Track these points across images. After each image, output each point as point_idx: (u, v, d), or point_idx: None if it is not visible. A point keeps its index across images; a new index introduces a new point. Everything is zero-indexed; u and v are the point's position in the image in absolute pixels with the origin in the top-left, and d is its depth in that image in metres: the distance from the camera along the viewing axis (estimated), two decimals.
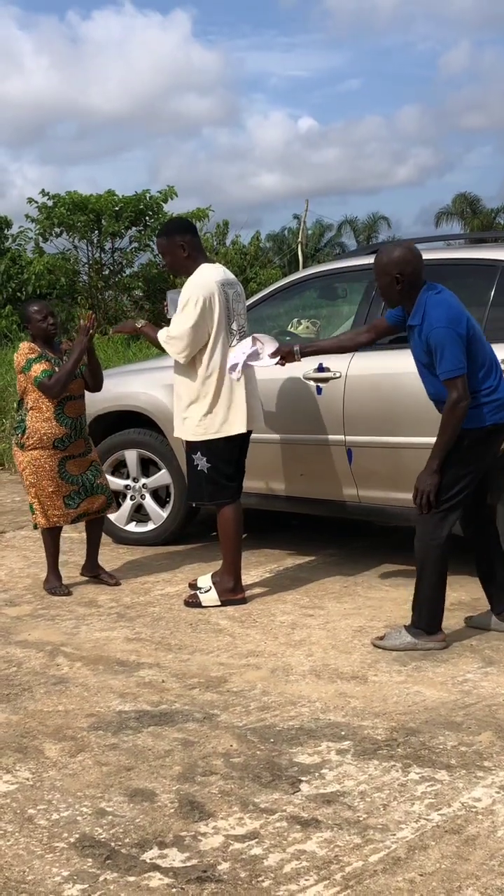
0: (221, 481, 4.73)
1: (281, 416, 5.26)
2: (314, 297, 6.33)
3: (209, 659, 4.06)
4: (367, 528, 6.24)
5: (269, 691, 3.68)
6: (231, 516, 4.78)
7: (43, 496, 5.03)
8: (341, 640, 4.23)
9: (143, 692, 3.71)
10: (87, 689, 3.77)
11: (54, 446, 4.99)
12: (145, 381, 5.91)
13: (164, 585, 5.21)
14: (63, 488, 5.05)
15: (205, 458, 4.70)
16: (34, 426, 4.96)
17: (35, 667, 4.03)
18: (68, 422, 5.02)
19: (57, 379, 4.90)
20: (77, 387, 5.09)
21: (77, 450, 5.09)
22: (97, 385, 5.20)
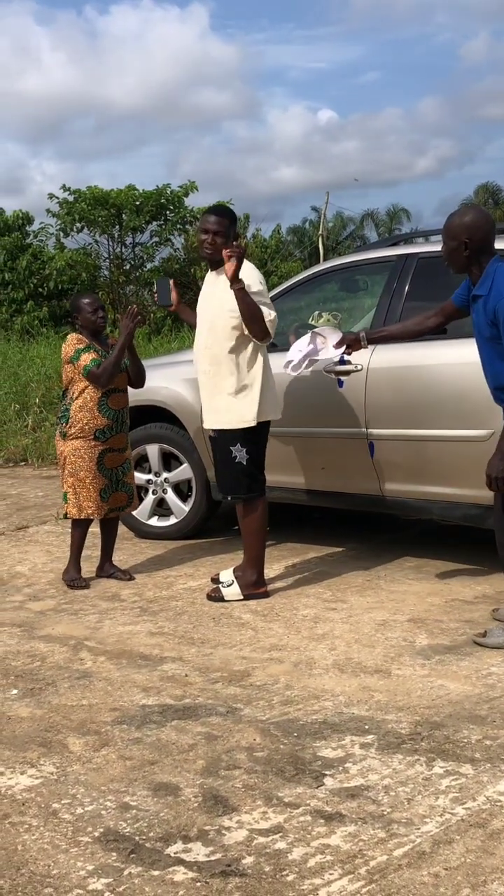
0: (256, 473, 4.73)
1: (302, 409, 5.25)
2: (335, 290, 6.30)
3: (232, 653, 4.06)
4: (389, 521, 6.22)
5: (293, 685, 3.68)
6: (261, 510, 4.77)
7: (80, 487, 5.05)
8: (364, 634, 4.21)
9: (166, 686, 3.72)
10: (110, 683, 3.78)
11: (95, 437, 5.02)
12: (166, 376, 5.91)
13: (186, 580, 5.21)
14: (99, 480, 5.07)
15: (244, 450, 4.67)
16: (77, 415, 5.01)
17: (59, 661, 4.04)
18: (111, 413, 5.05)
19: (104, 368, 4.94)
20: (121, 380, 5.12)
21: (118, 444, 5.12)
22: (139, 380, 5.22)
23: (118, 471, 5.16)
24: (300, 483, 5.42)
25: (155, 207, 20.33)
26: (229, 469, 4.73)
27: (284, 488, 5.45)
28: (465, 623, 4.29)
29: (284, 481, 5.42)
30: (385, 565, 5.30)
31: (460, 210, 3.96)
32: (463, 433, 4.74)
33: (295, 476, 5.42)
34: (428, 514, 5.10)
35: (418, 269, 5.14)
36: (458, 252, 3.88)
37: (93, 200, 20.01)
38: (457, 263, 3.93)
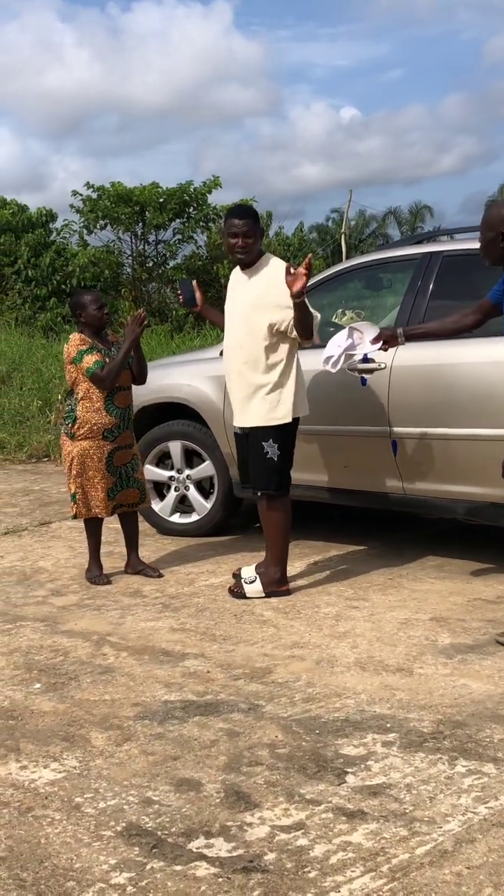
0: (285, 469, 4.73)
1: (325, 406, 5.24)
2: (359, 288, 6.29)
3: (254, 650, 4.07)
4: (411, 519, 6.20)
5: (314, 683, 3.68)
6: (287, 507, 4.78)
7: (88, 486, 5.07)
8: (386, 633, 4.21)
9: (188, 682, 3.73)
10: (132, 678, 3.79)
11: (104, 437, 5.03)
12: (189, 373, 5.92)
13: (208, 576, 5.22)
14: (107, 479, 5.08)
15: (276, 445, 4.67)
16: (84, 416, 5.00)
17: (81, 656, 4.06)
18: (117, 412, 5.05)
19: (109, 370, 4.94)
20: (125, 378, 5.12)
21: (124, 441, 5.13)
22: (142, 377, 5.22)
23: (127, 468, 5.17)
24: (323, 481, 5.42)
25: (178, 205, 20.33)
26: (261, 464, 4.73)
27: (307, 486, 5.45)
28: (487, 622, 4.28)
29: (307, 479, 5.42)
30: (407, 564, 5.29)
31: (498, 202, 3.97)
32: (487, 432, 4.73)
33: (317, 474, 5.42)
34: (451, 514, 5.08)
35: (443, 268, 5.13)
36: (494, 243, 3.87)
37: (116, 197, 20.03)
38: (493, 255, 3.92)
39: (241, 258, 4.67)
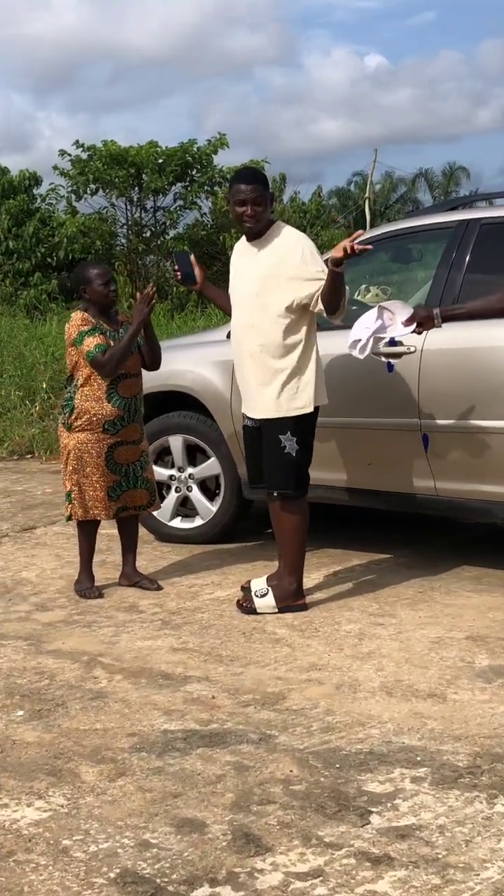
0: (305, 466, 4.75)
1: (346, 396, 5.24)
2: (385, 261, 6.29)
3: (265, 672, 4.07)
4: (445, 525, 6.20)
5: (334, 710, 3.68)
6: (304, 510, 4.79)
7: (86, 484, 5.08)
8: (416, 653, 4.21)
9: (190, 709, 3.73)
10: (127, 704, 3.80)
11: (104, 429, 5.04)
12: (192, 358, 5.93)
13: (213, 589, 5.23)
14: (108, 478, 5.09)
15: (295, 439, 4.68)
16: (83, 405, 5.01)
17: (70, 679, 4.07)
18: (121, 402, 5.05)
19: (111, 355, 4.94)
20: (133, 363, 5.12)
21: (130, 436, 5.13)
22: (155, 363, 5.23)
23: (135, 466, 5.17)
24: (343, 481, 5.42)
25: (179, 166, 20.33)
26: (278, 461, 4.72)
27: (325, 486, 5.45)
28: None
29: (325, 479, 5.42)
30: (440, 575, 5.29)
31: None
32: None
33: (337, 473, 5.42)
34: (489, 518, 5.08)
35: (481, 237, 5.11)
36: None
37: (109, 158, 20.03)
38: None
39: (249, 228, 4.67)
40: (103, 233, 20.44)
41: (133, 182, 20.56)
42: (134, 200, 21.01)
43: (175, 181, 20.67)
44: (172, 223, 21.36)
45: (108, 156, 20.06)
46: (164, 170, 20.27)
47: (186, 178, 20.88)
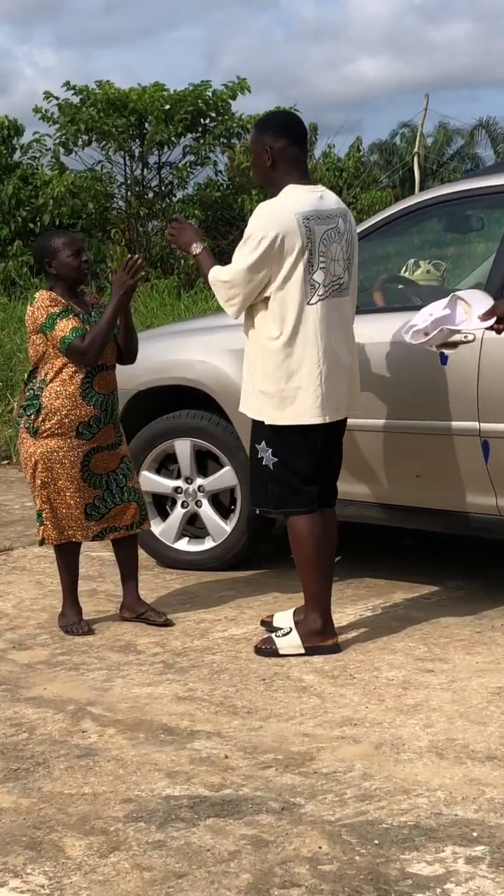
0: (293, 482, 4.75)
1: (389, 394, 5.24)
2: (438, 230, 6.29)
3: (289, 727, 4.07)
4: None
5: (373, 774, 3.67)
6: (307, 531, 4.79)
7: (58, 502, 5.07)
8: (473, 707, 4.21)
9: (198, 771, 3.73)
10: (122, 764, 3.80)
11: (78, 433, 5.02)
12: (203, 346, 5.94)
13: (226, 625, 5.24)
14: (85, 493, 5.09)
15: (270, 451, 4.73)
16: (53, 405, 4.99)
17: (53, 733, 4.08)
18: (98, 399, 5.05)
19: (92, 340, 4.93)
20: (110, 353, 5.13)
21: (106, 439, 5.13)
22: (130, 353, 5.23)
23: (117, 475, 5.18)
24: (384, 496, 5.41)
25: (190, 114, 20.34)
26: (256, 471, 4.85)
27: (360, 503, 5.45)
28: None
29: (361, 493, 5.42)
30: (502, 610, 5.28)
31: None
32: None
33: (375, 486, 5.42)
34: None
35: None
36: None
37: (105, 104, 20.05)
38: None
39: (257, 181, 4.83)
40: (97, 193, 20.42)
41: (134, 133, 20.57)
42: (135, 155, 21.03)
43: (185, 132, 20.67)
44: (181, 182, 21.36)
45: (103, 100, 20.07)
46: (171, 118, 20.27)
47: (198, 129, 20.88)
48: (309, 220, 4.59)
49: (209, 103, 20.56)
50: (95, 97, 20.13)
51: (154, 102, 20.10)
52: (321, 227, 4.62)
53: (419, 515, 5.41)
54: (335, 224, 4.69)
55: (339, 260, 4.71)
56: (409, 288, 6.03)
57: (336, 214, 4.72)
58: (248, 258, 4.58)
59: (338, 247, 4.69)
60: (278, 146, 4.69)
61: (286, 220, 4.56)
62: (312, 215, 4.60)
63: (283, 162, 4.69)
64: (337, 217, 4.72)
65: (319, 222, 4.62)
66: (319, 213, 4.64)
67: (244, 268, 4.59)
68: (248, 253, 4.59)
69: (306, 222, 4.58)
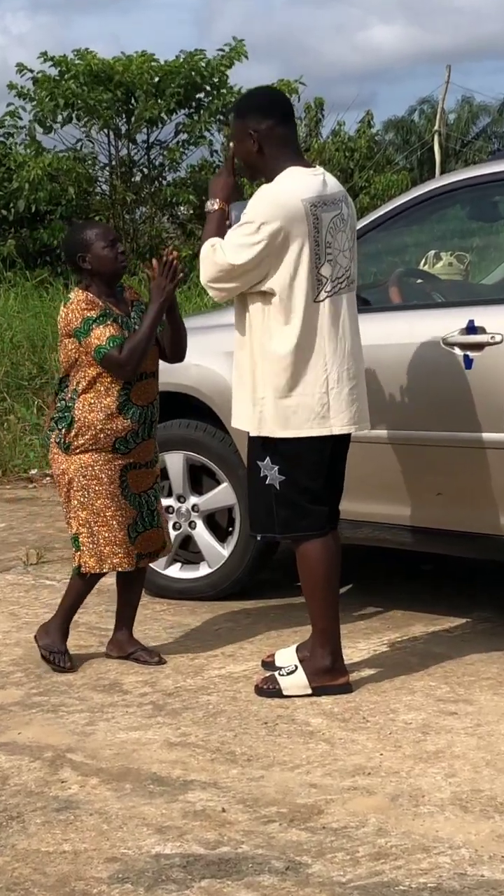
0: (302, 503, 4.74)
1: (407, 402, 5.25)
2: (461, 218, 6.31)
3: (294, 777, 4.07)
4: None
5: (388, 830, 3.67)
6: (319, 557, 4.78)
7: (97, 524, 5.04)
8: (501, 754, 4.21)
9: (192, 826, 3.73)
10: (106, 818, 3.80)
11: (115, 448, 5.03)
12: (197, 347, 5.90)
13: (224, 662, 5.24)
14: (126, 512, 5.07)
15: (276, 468, 4.72)
16: (87, 418, 4.98)
17: (28, 783, 4.07)
18: (137, 413, 5.04)
19: (132, 350, 4.89)
20: (151, 358, 5.10)
21: (144, 455, 5.12)
22: (179, 353, 5.23)
23: (149, 496, 5.17)
24: (402, 517, 5.41)
25: (183, 87, 20.39)
26: (258, 493, 4.82)
27: (376, 524, 5.45)
28: None
29: (376, 513, 5.42)
30: None
31: None
32: None
33: (393, 506, 5.42)
34: None
35: None
36: None
37: (87, 76, 20.10)
38: None
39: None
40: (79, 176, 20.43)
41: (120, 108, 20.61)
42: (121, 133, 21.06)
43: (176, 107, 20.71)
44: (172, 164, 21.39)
45: (85, 73, 20.10)
46: (162, 92, 20.32)
47: (192, 104, 20.92)
48: (316, 207, 4.57)
49: (204, 75, 20.58)
50: (76, 69, 20.14)
51: (142, 75, 20.13)
52: (327, 215, 4.61)
53: (440, 538, 5.41)
54: (339, 210, 4.68)
55: (345, 250, 4.71)
56: (429, 283, 6.04)
57: (339, 199, 4.72)
58: (246, 249, 4.55)
59: (343, 235, 4.69)
60: (263, 128, 4.68)
61: (292, 206, 4.54)
62: (318, 201, 4.59)
63: (270, 145, 4.69)
64: (340, 202, 4.71)
65: (325, 209, 4.61)
66: (325, 198, 4.63)
67: (238, 263, 4.58)
68: (244, 238, 4.56)
69: (314, 209, 4.56)
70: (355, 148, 24.15)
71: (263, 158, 4.70)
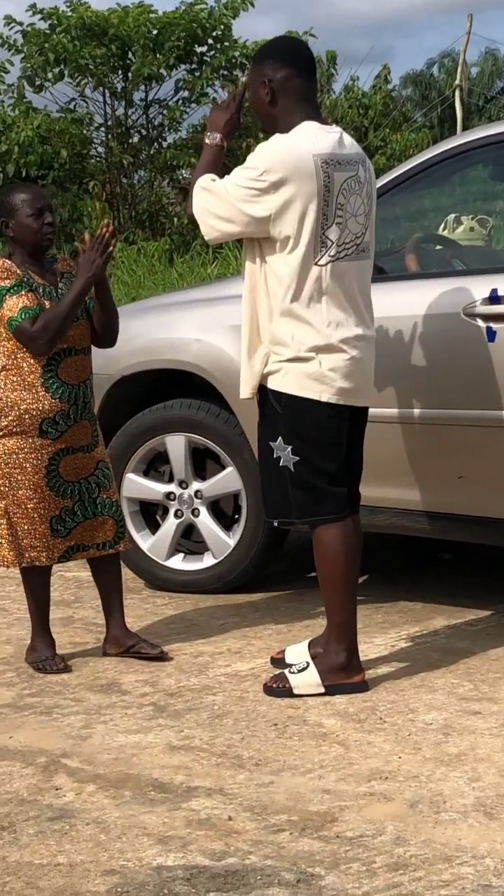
0: (318, 484, 4.74)
1: (425, 378, 5.24)
2: (484, 179, 6.29)
3: (306, 783, 4.07)
4: None
5: (407, 838, 3.67)
6: (337, 544, 4.78)
7: (17, 515, 5.05)
8: None
9: (196, 836, 3.73)
10: (104, 828, 3.80)
11: (42, 432, 5.01)
12: (200, 321, 5.94)
13: (230, 660, 5.24)
14: (50, 504, 5.07)
15: (289, 448, 4.72)
16: (7, 397, 4.97)
17: (20, 791, 4.08)
18: (65, 391, 5.03)
19: (46, 323, 4.89)
20: (80, 335, 5.09)
21: (78, 439, 5.11)
22: (109, 335, 5.20)
23: (89, 484, 5.16)
24: (419, 502, 5.41)
25: (183, 41, 20.34)
26: (272, 475, 4.82)
27: (393, 510, 5.44)
28: None
29: (392, 499, 5.42)
30: None
31: None
32: None
33: (410, 490, 5.41)
34: None
35: None
36: None
37: (81, 30, 20.07)
38: None
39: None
40: (72, 138, 20.42)
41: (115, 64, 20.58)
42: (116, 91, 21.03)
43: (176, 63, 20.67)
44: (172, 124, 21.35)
45: (78, 25, 20.07)
46: (160, 46, 20.28)
47: (193, 59, 20.87)
48: (328, 165, 4.56)
49: (205, 27, 20.53)
50: (68, 21, 20.10)
51: (139, 27, 20.10)
52: (341, 175, 4.60)
53: (462, 525, 5.41)
54: (355, 172, 4.67)
55: (359, 215, 4.69)
56: (450, 249, 6.03)
57: (356, 160, 4.70)
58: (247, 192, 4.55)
59: (358, 199, 4.67)
60: (279, 77, 4.67)
61: (301, 160, 4.53)
62: (331, 159, 4.58)
63: (285, 96, 4.68)
64: (357, 163, 4.70)
65: (339, 168, 4.60)
66: (338, 157, 4.62)
67: (240, 197, 4.57)
68: (247, 181, 4.56)
69: (325, 167, 4.55)
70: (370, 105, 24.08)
71: (276, 110, 4.69)
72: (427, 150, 5.82)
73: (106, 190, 20.17)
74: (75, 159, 20.57)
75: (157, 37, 20.24)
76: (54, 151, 20.23)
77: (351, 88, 24.51)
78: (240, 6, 20.55)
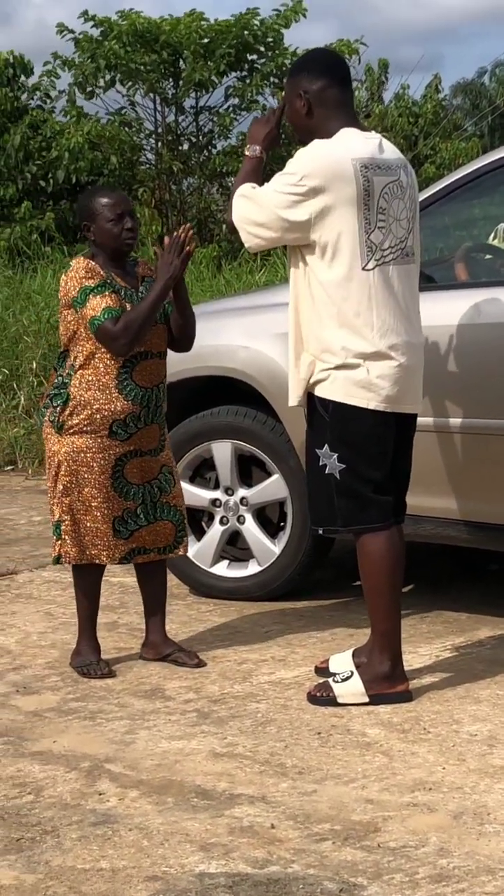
0: (364, 493, 4.74)
1: (476, 387, 5.22)
2: None
3: (349, 792, 4.06)
4: None
5: (451, 850, 3.66)
6: (382, 553, 4.77)
7: (81, 512, 5.08)
8: None
9: (239, 843, 3.73)
10: (147, 834, 3.80)
11: (111, 433, 5.03)
12: (247, 328, 5.94)
13: (274, 667, 5.24)
14: (114, 504, 5.10)
15: (335, 455, 4.71)
16: (82, 396, 5.00)
17: (63, 795, 4.09)
18: (138, 394, 5.04)
19: (127, 324, 4.90)
20: (156, 339, 5.10)
21: (147, 443, 5.12)
22: (185, 340, 5.22)
23: (152, 488, 5.18)
24: (467, 512, 5.40)
25: (234, 49, 20.34)
26: (318, 483, 4.82)
27: (439, 520, 5.43)
28: None
29: (438, 508, 5.41)
30: None
31: None
32: None
33: (458, 500, 5.40)
34: None
35: None
36: None
37: (132, 37, 20.10)
38: None
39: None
40: (122, 145, 20.45)
41: (167, 72, 20.59)
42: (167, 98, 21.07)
43: (227, 70, 20.66)
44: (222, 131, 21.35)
45: (129, 33, 20.11)
46: (211, 54, 20.26)
47: (244, 67, 20.88)
48: (367, 170, 4.57)
49: (257, 35, 20.50)
50: (120, 29, 20.13)
51: (190, 35, 20.07)
52: (382, 179, 4.61)
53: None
54: (397, 177, 4.67)
55: (402, 220, 4.69)
56: (499, 258, 6.01)
57: (397, 165, 4.71)
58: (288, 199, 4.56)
59: (400, 203, 4.67)
60: (315, 88, 4.70)
61: (340, 164, 4.54)
62: (371, 163, 4.59)
63: (321, 107, 4.70)
64: (398, 168, 4.71)
65: (380, 173, 4.61)
66: (378, 161, 4.63)
67: (281, 203, 4.58)
68: (286, 187, 4.57)
69: (364, 171, 4.56)
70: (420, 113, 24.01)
71: (312, 121, 4.71)
72: (477, 159, 5.80)
73: (155, 196, 20.19)
74: (125, 166, 20.59)
75: (209, 45, 20.20)
76: (104, 158, 20.24)
77: (401, 97, 24.44)
78: (291, 16, 20.53)
